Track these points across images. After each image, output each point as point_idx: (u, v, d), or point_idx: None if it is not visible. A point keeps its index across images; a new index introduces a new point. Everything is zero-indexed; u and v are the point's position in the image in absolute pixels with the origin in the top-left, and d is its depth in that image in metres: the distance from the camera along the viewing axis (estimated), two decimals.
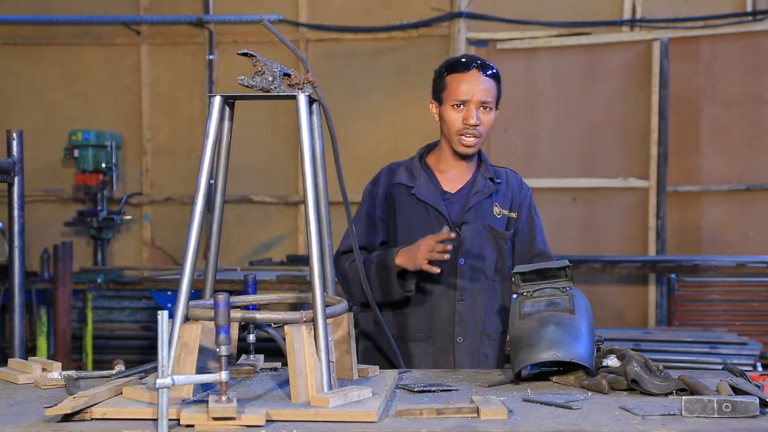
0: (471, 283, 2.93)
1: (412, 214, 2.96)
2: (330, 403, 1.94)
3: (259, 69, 2.14)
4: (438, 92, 2.97)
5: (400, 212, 2.98)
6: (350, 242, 2.88)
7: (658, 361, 2.50)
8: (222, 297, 1.89)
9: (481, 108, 2.90)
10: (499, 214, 2.98)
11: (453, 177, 3.01)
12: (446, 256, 2.74)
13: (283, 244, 7.59)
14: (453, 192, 2.99)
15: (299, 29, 7.52)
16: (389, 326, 2.82)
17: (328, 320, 2.09)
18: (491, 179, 2.99)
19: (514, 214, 3.01)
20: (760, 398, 1.95)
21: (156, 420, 1.82)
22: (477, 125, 2.89)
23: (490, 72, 2.93)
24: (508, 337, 2.62)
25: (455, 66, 2.94)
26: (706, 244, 7.12)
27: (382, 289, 2.86)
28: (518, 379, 2.32)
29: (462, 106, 2.90)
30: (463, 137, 2.91)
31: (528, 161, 7.24)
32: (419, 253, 2.76)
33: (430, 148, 3.07)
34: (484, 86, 2.89)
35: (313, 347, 2.03)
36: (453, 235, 2.76)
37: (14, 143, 3.00)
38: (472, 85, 2.89)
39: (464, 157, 2.97)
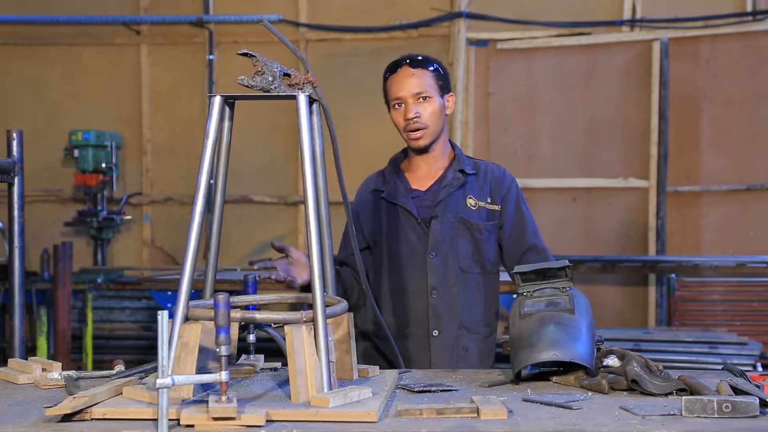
0: (444, 277, 2.93)
1: (382, 216, 3.00)
2: (330, 403, 1.94)
3: (259, 69, 2.14)
4: (385, 100, 3.02)
5: (371, 216, 3.03)
6: (343, 253, 2.97)
7: (658, 361, 2.49)
8: (222, 297, 1.89)
9: (420, 99, 2.92)
10: (474, 206, 2.97)
11: (423, 175, 3.03)
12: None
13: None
14: (423, 190, 3.00)
15: (299, 29, 7.52)
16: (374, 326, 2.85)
17: (328, 320, 2.09)
18: (461, 171, 2.99)
19: (496, 207, 2.99)
20: (760, 398, 1.94)
21: (156, 420, 1.82)
22: (416, 117, 2.91)
23: (423, 65, 2.94)
24: (508, 336, 2.62)
25: (388, 70, 2.99)
26: (706, 244, 7.11)
27: None
28: (518, 379, 2.32)
29: (401, 105, 2.93)
30: (409, 133, 2.95)
31: (528, 161, 7.24)
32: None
33: (406, 153, 3.09)
34: (415, 79, 2.91)
35: (313, 347, 2.03)
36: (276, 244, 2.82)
37: (14, 143, 3.00)
38: (403, 81, 2.92)
39: (421, 152, 2.99)
